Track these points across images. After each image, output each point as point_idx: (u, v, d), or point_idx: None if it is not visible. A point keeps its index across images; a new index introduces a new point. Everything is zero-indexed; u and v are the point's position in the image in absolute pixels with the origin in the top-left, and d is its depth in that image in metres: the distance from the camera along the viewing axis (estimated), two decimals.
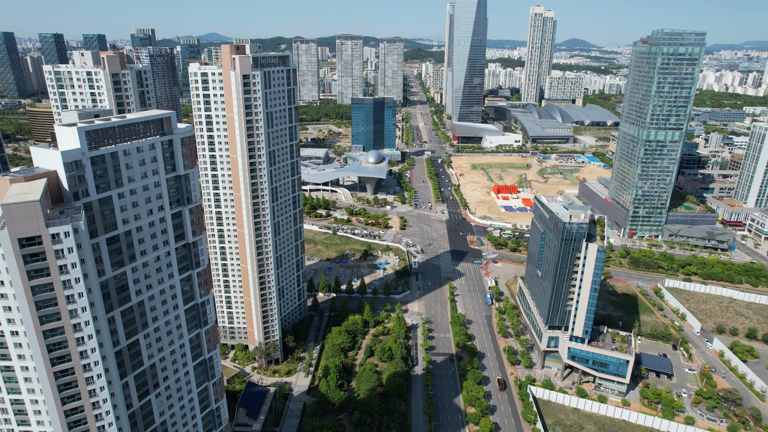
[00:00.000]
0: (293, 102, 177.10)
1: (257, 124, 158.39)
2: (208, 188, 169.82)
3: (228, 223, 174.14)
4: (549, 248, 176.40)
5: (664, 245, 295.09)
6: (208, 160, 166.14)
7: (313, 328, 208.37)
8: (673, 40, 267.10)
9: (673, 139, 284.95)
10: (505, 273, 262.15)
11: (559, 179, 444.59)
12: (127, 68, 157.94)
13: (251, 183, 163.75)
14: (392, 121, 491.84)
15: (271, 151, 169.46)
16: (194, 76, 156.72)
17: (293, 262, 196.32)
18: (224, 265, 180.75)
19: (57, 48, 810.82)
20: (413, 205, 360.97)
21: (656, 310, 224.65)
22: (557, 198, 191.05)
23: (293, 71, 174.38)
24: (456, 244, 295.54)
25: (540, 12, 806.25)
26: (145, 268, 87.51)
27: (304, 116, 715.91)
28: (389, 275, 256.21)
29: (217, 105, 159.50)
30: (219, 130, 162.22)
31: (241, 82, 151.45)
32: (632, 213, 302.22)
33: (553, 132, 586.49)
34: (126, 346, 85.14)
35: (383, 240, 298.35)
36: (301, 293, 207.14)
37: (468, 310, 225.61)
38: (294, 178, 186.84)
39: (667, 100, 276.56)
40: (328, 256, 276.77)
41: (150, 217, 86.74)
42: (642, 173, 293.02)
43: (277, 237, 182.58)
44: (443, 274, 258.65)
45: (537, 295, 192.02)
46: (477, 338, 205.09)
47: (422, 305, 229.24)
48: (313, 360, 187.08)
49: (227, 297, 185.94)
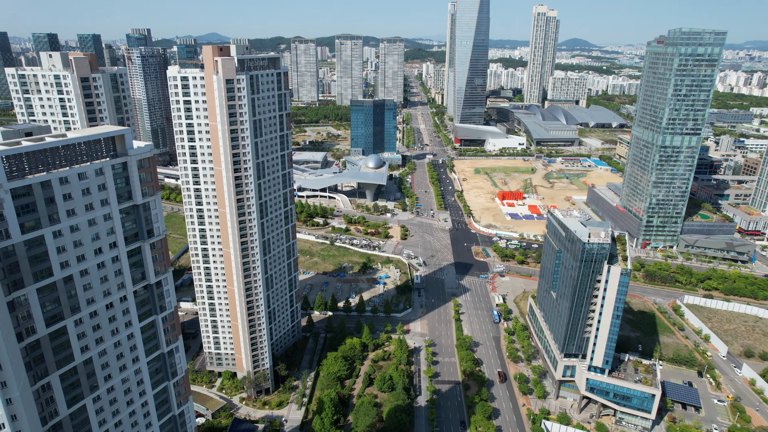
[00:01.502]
0: (284, 108, 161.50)
1: (243, 133, 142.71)
2: (191, 204, 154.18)
3: (213, 241, 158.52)
4: (565, 269, 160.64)
5: (680, 257, 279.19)
6: (190, 173, 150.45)
7: (307, 352, 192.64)
8: (692, 40, 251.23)
9: (690, 145, 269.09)
10: (513, 288, 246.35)
11: (565, 184, 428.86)
12: (98, 71, 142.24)
13: (237, 198, 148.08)
14: (393, 123, 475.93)
15: (260, 163, 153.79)
16: (173, 80, 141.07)
17: (285, 282, 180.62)
18: (209, 287, 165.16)
19: (51, 48, 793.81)
20: (415, 213, 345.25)
21: (677, 330, 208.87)
22: (573, 212, 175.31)
23: (284, 74, 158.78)
24: (460, 256, 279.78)
25: (543, 11, 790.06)
26: (94, 319, 71.90)
27: (303, 118, 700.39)
28: (390, 291, 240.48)
29: (199, 112, 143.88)
30: (202, 140, 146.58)
31: (224, 87, 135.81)
32: (646, 222, 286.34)
33: (558, 134, 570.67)
34: (68, 415, 69.43)
35: (383, 251, 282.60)
36: (294, 314, 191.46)
37: (474, 330, 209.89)
38: (286, 190, 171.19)
39: (684, 104, 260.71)
40: (325, 269, 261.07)
41: (99, 257, 71.10)
42: (656, 180, 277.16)
43: (268, 256, 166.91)
44: (447, 290, 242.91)
45: (551, 318, 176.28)
46: (485, 363, 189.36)
47: (425, 325, 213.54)
48: (307, 390, 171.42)
49: (213, 321, 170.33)
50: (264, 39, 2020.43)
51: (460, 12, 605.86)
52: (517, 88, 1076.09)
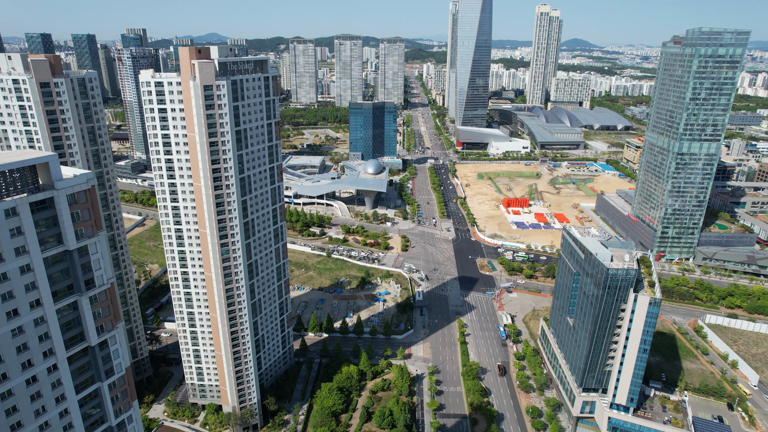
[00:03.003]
0: (273, 116, 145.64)
1: (224, 146, 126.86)
2: (168, 223, 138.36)
3: (193, 264, 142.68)
4: (584, 295, 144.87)
5: (698, 270, 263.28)
6: (167, 189, 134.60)
7: (300, 381, 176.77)
8: (712, 40, 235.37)
9: (709, 152, 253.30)
10: (521, 305, 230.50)
11: (572, 190, 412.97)
12: (61, 75, 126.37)
13: (218, 218, 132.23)
14: (393, 126, 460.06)
15: (245, 177, 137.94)
16: (146, 86, 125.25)
17: (275, 306, 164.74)
18: (190, 314, 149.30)
19: (44, 49, 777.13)
20: (416, 222, 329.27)
21: (700, 354, 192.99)
22: (591, 230, 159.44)
23: (273, 79, 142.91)
24: (465, 269, 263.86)
25: (546, 11, 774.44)
26: (11, 399, 55.96)
27: (301, 120, 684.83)
28: (390, 309, 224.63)
29: (176, 122, 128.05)
30: (180, 152, 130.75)
31: (201, 94, 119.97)
32: (660, 233, 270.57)
33: (563, 137, 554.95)
34: None
35: (383, 264, 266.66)
36: (286, 340, 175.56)
37: (481, 354, 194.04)
38: (276, 206, 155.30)
39: (703, 108, 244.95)
40: (321, 285, 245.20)
41: (14, 321, 55.19)
42: (672, 189, 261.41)
43: (255, 279, 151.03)
44: (451, 307, 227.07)
45: (567, 346, 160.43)
46: (494, 393, 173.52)
47: (428, 348, 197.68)
48: (299, 425, 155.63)
49: (195, 350, 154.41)
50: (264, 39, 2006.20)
51: (462, 12, 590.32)
52: (518, 89, 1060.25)
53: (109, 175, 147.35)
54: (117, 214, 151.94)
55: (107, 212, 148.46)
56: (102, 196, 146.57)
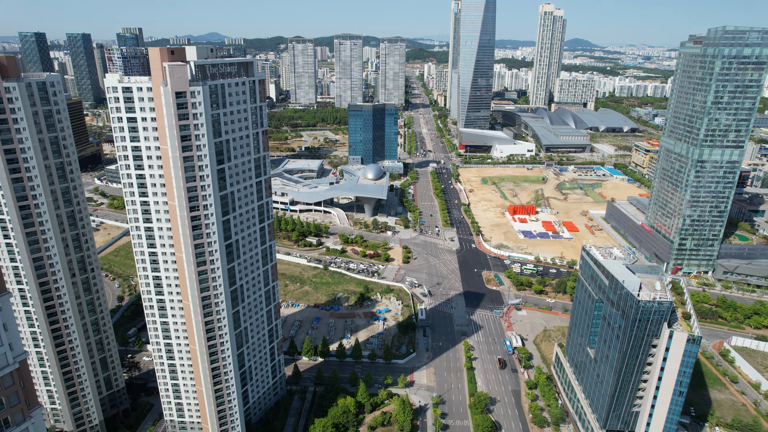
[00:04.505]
0: (260, 124, 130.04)
1: (201, 161, 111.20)
2: (142, 246, 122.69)
3: (171, 291, 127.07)
4: (609, 326, 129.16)
5: (718, 285, 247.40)
6: (140, 209, 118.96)
7: (292, 413, 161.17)
8: (736, 40, 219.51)
9: (731, 159, 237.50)
10: (531, 324, 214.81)
11: (579, 196, 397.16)
12: (15, 79, 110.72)
13: (194, 243, 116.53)
14: (393, 129, 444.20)
15: (227, 195, 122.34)
16: (112, 92, 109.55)
17: (264, 334, 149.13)
18: (168, 345, 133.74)
19: (39, 48, 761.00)
20: (418, 230, 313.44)
21: (728, 382, 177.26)
22: (614, 252, 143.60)
23: (260, 83, 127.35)
24: (470, 284, 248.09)
25: (550, 10, 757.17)
26: None
27: (299, 121, 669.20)
28: (390, 328, 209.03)
29: (147, 133, 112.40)
30: (152, 167, 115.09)
31: (173, 101, 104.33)
32: (678, 245, 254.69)
33: (569, 140, 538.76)
34: None
35: (383, 278, 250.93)
36: (276, 369, 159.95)
37: (490, 382, 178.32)
38: (264, 225, 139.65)
39: (726, 112, 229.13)
40: (317, 301, 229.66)
41: None
42: (692, 199, 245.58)
43: (241, 305, 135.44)
44: (456, 327, 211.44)
45: (587, 380, 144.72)
46: (505, 427, 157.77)
47: (432, 375, 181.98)
48: None
49: (174, 384, 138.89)
50: (264, 39, 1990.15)
51: (465, 10, 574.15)
52: (521, 90, 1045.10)
53: (77, 190, 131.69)
54: (86, 233, 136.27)
55: (75, 232, 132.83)
56: (69, 214, 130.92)
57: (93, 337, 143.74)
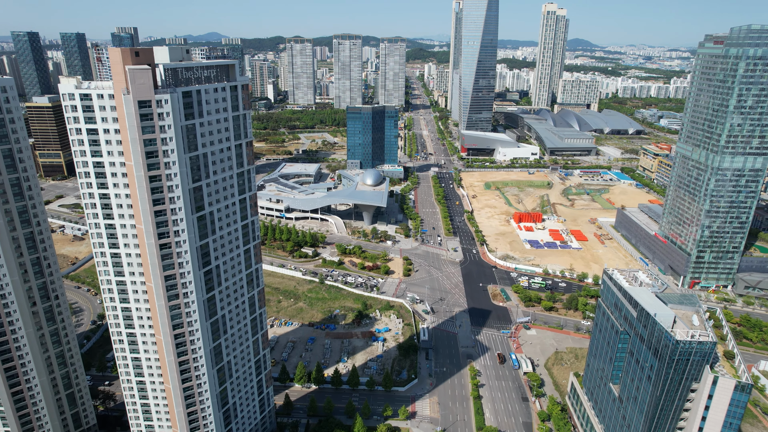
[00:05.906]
0: (244, 135, 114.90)
1: (170, 180, 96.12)
2: (108, 274, 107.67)
3: (142, 324, 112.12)
4: (636, 363, 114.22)
5: (739, 301, 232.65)
6: (104, 233, 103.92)
7: None
8: (762, 40, 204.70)
9: (755, 167, 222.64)
10: (541, 345, 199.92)
11: (586, 202, 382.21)
12: None
13: (165, 273, 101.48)
14: (394, 132, 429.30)
15: (204, 216, 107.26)
16: (69, 99, 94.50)
17: (250, 366, 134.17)
18: (140, 384, 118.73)
19: (32, 48, 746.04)
20: (419, 240, 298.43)
21: (761, 414, 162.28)
22: (640, 276, 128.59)
23: (243, 88, 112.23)
24: (475, 299, 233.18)
25: (553, 10, 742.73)
26: None
27: (297, 123, 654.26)
28: (390, 350, 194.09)
29: (111, 147, 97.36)
30: (118, 185, 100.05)
31: (135, 112, 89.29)
32: (696, 257, 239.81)
33: (573, 143, 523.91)
34: None
35: (383, 293, 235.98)
36: (265, 401, 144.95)
37: (499, 413, 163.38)
38: (249, 246, 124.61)
39: (749, 117, 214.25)
40: (312, 319, 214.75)
41: None
42: (711, 209, 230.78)
43: (223, 338, 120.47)
44: (461, 349, 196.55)
45: (610, 419, 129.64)
46: None
47: (435, 405, 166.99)
48: None
49: (148, 426, 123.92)
50: (263, 39, 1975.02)
51: (467, 10, 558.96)
52: (523, 90, 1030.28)
53: (37, 209, 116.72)
54: (49, 256, 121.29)
55: (35, 255, 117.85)
56: (27, 236, 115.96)
57: (58, 371, 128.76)
